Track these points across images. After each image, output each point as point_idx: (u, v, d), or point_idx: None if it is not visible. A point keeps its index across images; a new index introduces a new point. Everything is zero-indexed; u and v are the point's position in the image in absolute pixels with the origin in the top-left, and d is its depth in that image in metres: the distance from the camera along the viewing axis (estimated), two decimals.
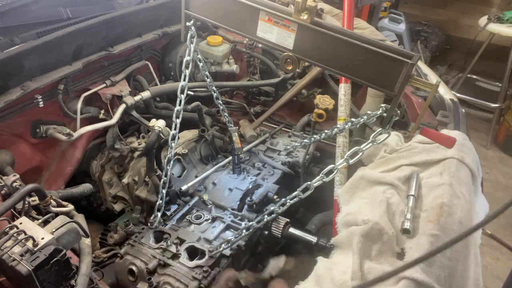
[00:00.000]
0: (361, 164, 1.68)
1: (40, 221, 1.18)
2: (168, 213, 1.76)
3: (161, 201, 1.70)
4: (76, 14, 2.05)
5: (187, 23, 1.57)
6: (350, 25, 1.97)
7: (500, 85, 4.39)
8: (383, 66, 1.23)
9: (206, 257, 1.53)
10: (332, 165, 1.38)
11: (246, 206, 1.77)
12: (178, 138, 1.71)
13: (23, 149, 1.83)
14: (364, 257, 1.25)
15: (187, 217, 1.76)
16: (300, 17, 1.29)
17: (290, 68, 1.43)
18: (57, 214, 1.25)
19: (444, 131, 1.65)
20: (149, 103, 2.10)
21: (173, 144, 1.68)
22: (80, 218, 1.30)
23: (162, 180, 1.69)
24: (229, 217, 1.73)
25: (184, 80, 1.63)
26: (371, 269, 1.20)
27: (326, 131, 1.76)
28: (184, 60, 1.62)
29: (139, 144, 2.08)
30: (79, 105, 1.90)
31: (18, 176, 1.37)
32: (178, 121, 1.66)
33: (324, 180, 1.37)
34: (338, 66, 1.33)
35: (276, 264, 1.72)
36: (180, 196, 1.84)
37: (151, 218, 1.69)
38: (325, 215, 1.94)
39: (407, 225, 1.30)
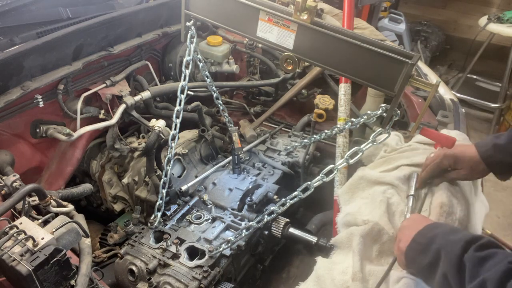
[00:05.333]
0: (361, 164, 1.68)
1: (40, 221, 1.18)
2: (168, 213, 1.76)
3: (161, 201, 1.70)
4: (76, 14, 2.05)
5: (187, 23, 1.57)
6: (350, 25, 1.97)
7: (500, 85, 4.40)
8: (383, 66, 1.23)
9: (206, 257, 1.53)
10: (332, 165, 1.38)
11: (246, 206, 1.77)
12: (178, 138, 1.71)
13: (23, 149, 1.82)
14: (364, 258, 1.25)
15: (187, 217, 1.76)
16: (300, 17, 1.29)
17: (290, 68, 1.43)
18: (57, 214, 1.25)
19: (444, 131, 1.65)
20: (149, 103, 2.10)
21: (173, 144, 1.68)
22: (80, 218, 1.30)
23: (162, 180, 1.69)
24: (229, 217, 1.73)
25: (184, 80, 1.63)
26: (372, 271, 1.20)
27: (326, 131, 1.76)
28: (184, 60, 1.62)
29: (139, 144, 2.08)
30: (79, 105, 1.90)
31: (18, 176, 1.37)
32: (178, 121, 1.66)
33: (324, 180, 1.37)
34: (338, 66, 1.33)
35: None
36: (180, 196, 1.84)
37: (151, 218, 1.69)
38: (325, 215, 1.94)
39: None
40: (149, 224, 1.68)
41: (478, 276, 0.84)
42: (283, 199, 1.44)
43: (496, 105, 4.40)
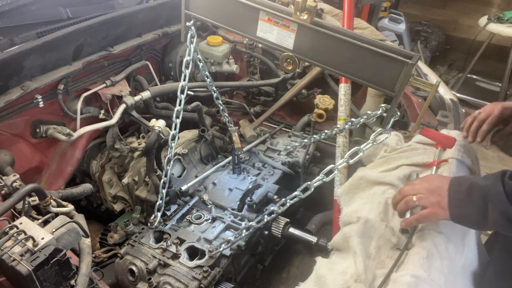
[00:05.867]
0: (361, 164, 1.68)
1: (40, 221, 1.18)
2: (168, 213, 1.76)
3: (161, 201, 1.70)
4: (76, 14, 2.04)
5: (187, 23, 1.58)
6: (350, 25, 1.97)
7: (500, 85, 4.39)
8: (383, 66, 1.24)
9: (206, 257, 1.53)
10: (332, 165, 1.38)
11: (246, 206, 1.77)
12: (178, 138, 1.71)
13: (23, 149, 1.82)
14: (365, 257, 1.24)
15: (187, 217, 1.76)
16: (300, 17, 1.29)
17: (290, 68, 1.43)
18: (57, 214, 1.25)
19: (444, 131, 1.65)
20: (149, 103, 2.10)
21: (173, 144, 1.68)
22: (80, 218, 1.29)
23: (162, 180, 1.69)
24: (229, 217, 1.73)
25: (184, 80, 1.63)
26: (376, 275, 1.20)
27: (326, 131, 1.76)
28: (184, 60, 1.62)
29: (139, 144, 2.08)
30: (79, 105, 1.90)
31: (18, 176, 1.37)
32: (178, 121, 1.66)
33: (324, 180, 1.37)
34: (338, 66, 1.33)
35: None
36: (180, 196, 1.84)
37: (151, 218, 1.69)
38: (325, 215, 1.94)
39: None
40: (149, 224, 1.68)
41: None
42: (283, 199, 1.44)
43: None
